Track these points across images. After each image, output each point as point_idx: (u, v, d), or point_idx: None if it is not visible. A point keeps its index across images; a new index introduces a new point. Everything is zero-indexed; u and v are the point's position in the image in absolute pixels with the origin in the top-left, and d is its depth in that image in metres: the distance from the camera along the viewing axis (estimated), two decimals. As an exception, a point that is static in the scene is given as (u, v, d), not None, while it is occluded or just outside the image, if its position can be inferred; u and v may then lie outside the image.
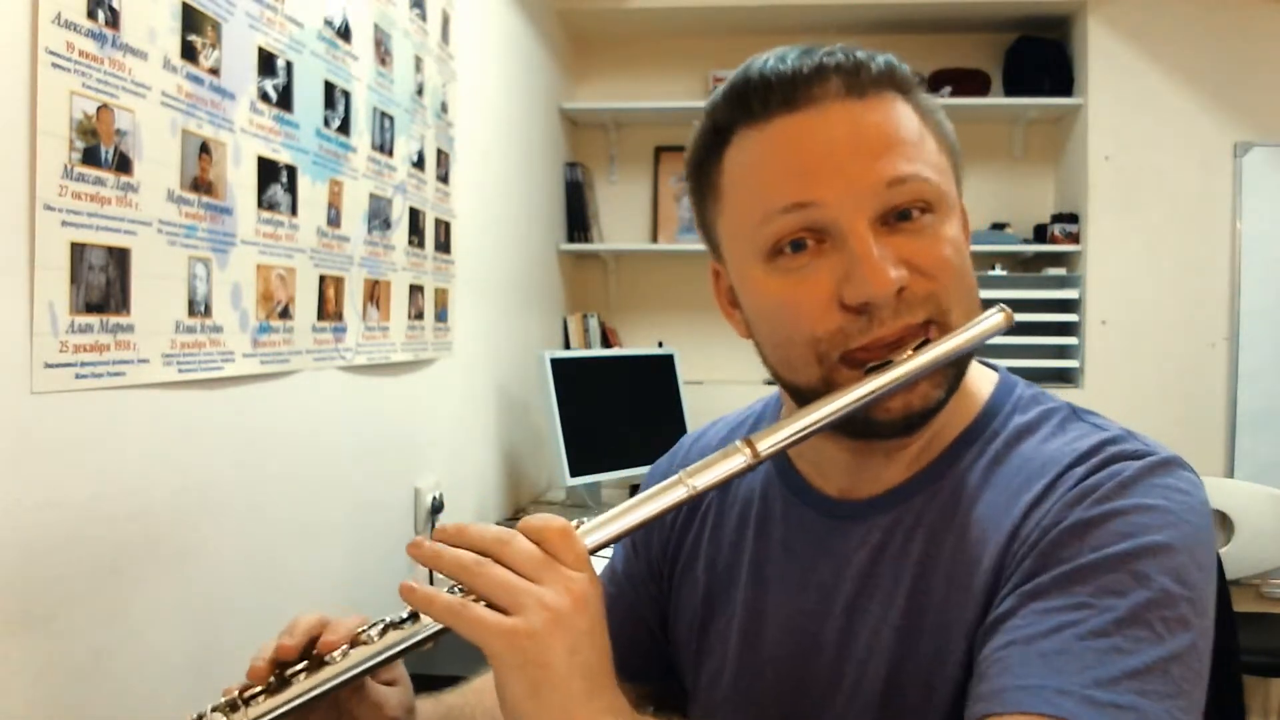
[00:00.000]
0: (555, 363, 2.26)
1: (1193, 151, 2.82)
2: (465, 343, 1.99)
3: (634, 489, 2.53)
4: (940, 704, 0.63)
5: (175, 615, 1.03)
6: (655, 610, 0.84)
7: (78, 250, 0.87)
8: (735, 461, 0.61)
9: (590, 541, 0.59)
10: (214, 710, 0.59)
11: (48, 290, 0.83)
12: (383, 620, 0.60)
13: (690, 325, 3.12)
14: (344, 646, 0.60)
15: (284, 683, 0.60)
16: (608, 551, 0.65)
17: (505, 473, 2.31)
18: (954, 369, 0.65)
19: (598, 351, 2.88)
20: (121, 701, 0.95)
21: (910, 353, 0.62)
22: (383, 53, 1.55)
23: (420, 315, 1.73)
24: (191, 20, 1.03)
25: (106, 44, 0.90)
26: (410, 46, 1.67)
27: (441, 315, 1.85)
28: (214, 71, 1.08)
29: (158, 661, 0.99)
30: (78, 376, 0.87)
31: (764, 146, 0.64)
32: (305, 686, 0.59)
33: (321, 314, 1.35)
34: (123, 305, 0.93)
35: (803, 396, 0.66)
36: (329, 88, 1.36)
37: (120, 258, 0.92)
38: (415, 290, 1.70)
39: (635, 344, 3.17)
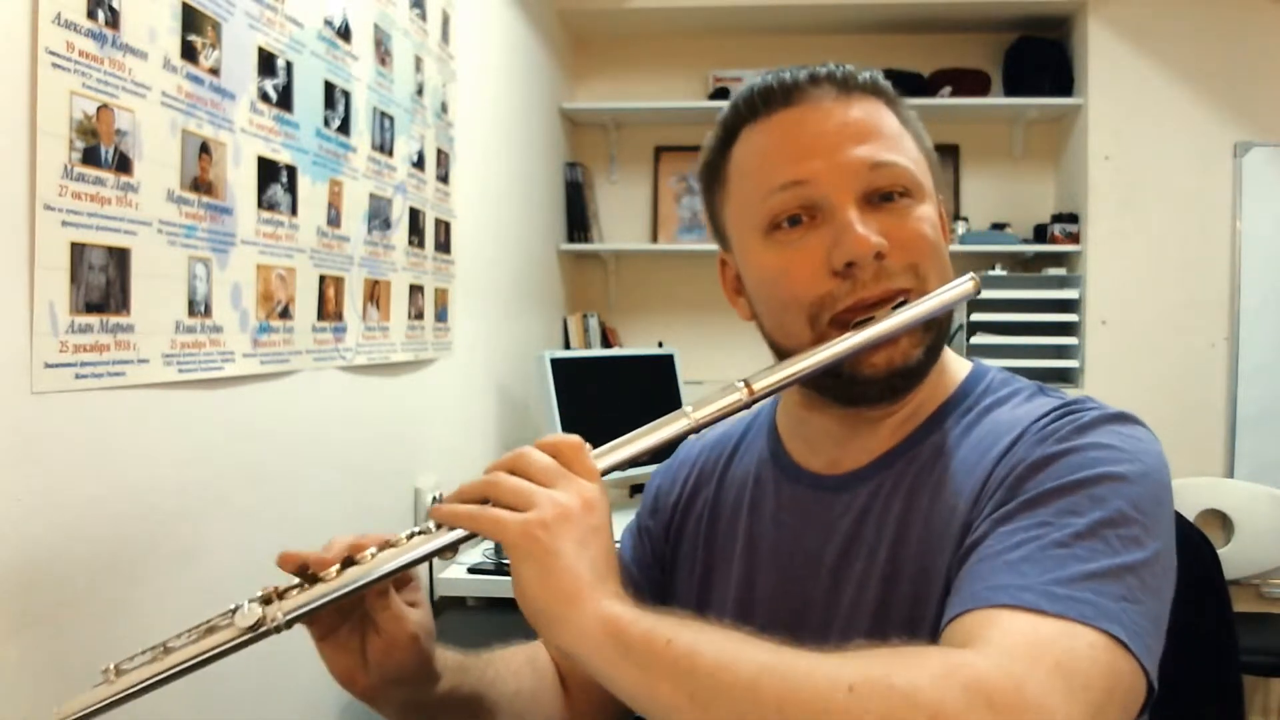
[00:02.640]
0: (555, 363, 2.26)
1: (1193, 151, 2.82)
2: (465, 343, 1.99)
3: (634, 489, 2.53)
4: (923, 642, 0.66)
5: (175, 615, 1.02)
6: (658, 595, 0.88)
7: (78, 250, 0.87)
8: (733, 398, 0.68)
9: (601, 465, 0.66)
10: (250, 601, 0.62)
11: (48, 290, 0.83)
12: (410, 531, 0.64)
13: (690, 325, 3.12)
14: (373, 549, 0.64)
15: (317, 580, 0.63)
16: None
17: (505, 473, 2.31)
18: (932, 332, 0.72)
19: (598, 351, 2.88)
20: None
21: (889, 311, 0.70)
22: (383, 53, 1.55)
23: (420, 315, 1.73)
24: (191, 20, 1.03)
25: (106, 44, 0.90)
26: (410, 46, 1.68)
27: (441, 315, 1.85)
28: (214, 71, 1.08)
29: (158, 661, 0.99)
30: (78, 376, 0.87)
31: (765, 137, 0.74)
32: (337, 583, 0.63)
33: (321, 314, 1.35)
34: (123, 305, 0.93)
35: None
36: (329, 88, 1.36)
37: (120, 258, 0.92)
38: (415, 290, 1.70)
39: (635, 344, 3.17)
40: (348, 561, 0.64)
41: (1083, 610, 0.55)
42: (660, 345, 2.97)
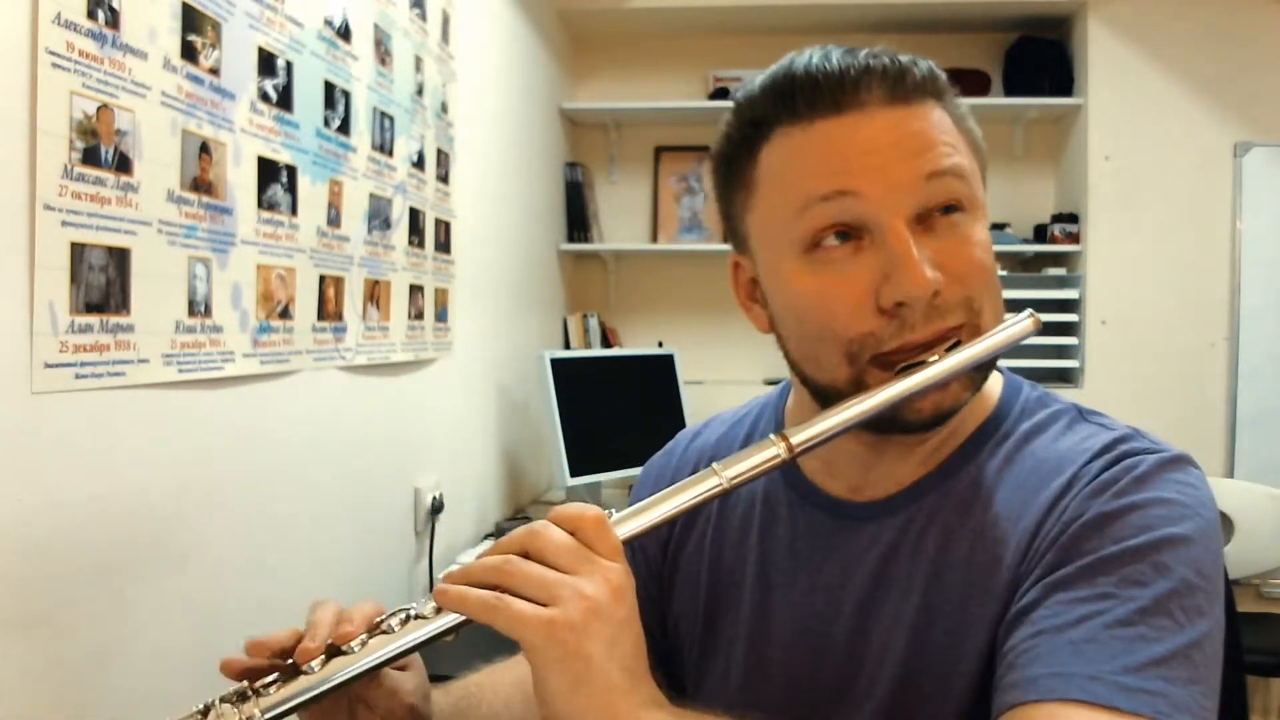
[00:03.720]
0: (555, 363, 2.26)
1: (1193, 151, 2.82)
2: (465, 343, 1.99)
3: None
4: (956, 698, 0.64)
5: (175, 615, 1.03)
6: (654, 612, 0.84)
7: (78, 250, 0.87)
8: (769, 454, 0.62)
9: (623, 533, 0.59)
10: (222, 700, 0.56)
11: (48, 290, 0.83)
12: (404, 610, 0.59)
13: (690, 325, 3.12)
14: (363, 635, 0.58)
15: (297, 672, 0.57)
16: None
17: (505, 473, 2.31)
18: (983, 371, 0.66)
19: (598, 351, 2.88)
20: (121, 701, 0.95)
21: (942, 353, 0.63)
22: (383, 53, 1.55)
23: (420, 315, 1.73)
24: (191, 20, 1.03)
25: (106, 44, 0.90)
26: (410, 46, 1.67)
27: (441, 315, 1.85)
28: (214, 71, 1.08)
29: (158, 661, 0.99)
30: (78, 376, 0.87)
31: (807, 145, 0.65)
32: (320, 678, 0.57)
33: (321, 314, 1.35)
34: (123, 305, 0.93)
35: (825, 394, 0.67)
36: (329, 88, 1.36)
37: (120, 258, 0.92)
38: (415, 290, 1.70)
39: (635, 344, 3.17)
40: (334, 650, 0.58)
41: (1156, 705, 0.53)
42: (660, 345, 2.97)
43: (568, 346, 2.90)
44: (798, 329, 0.68)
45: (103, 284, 0.90)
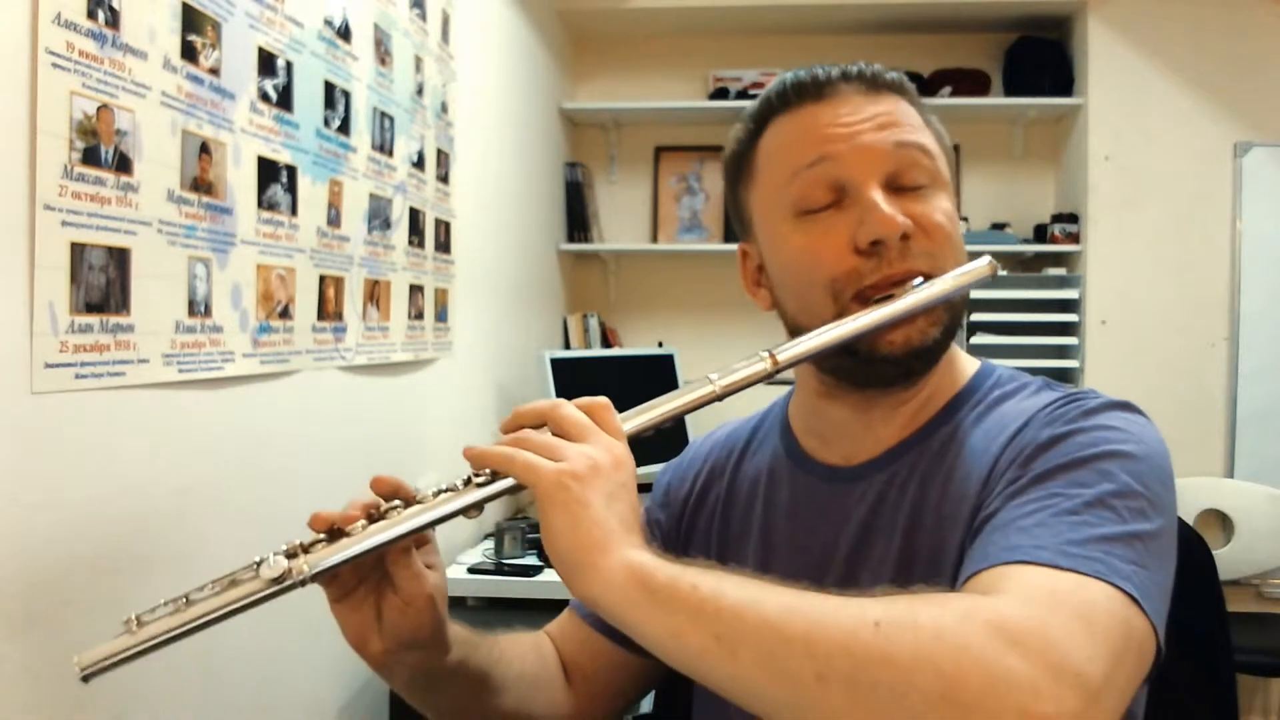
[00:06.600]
0: (555, 363, 2.26)
1: (1193, 151, 2.82)
2: (465, 343, 1.99)
3: (642, 489, 2.56)
4: None
5: (175, 615, 1.03)
6: None
7: (78, 250, 0.87)
8: (756, 366, 0.70)
9: (627, 427, 0.67)
10: (275, 555, 0.62)
11: (48, 290, 0.83)
12: (437, 487, 0.66)
13: (690, 325, 3.12)
14: (398, 503, 0.66)
15: (342, 534, 0.64)
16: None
17: (505, 473, 2.31)
18: (948, 313, 0.74)
19: (598, 351, 2.88)
20: (122, 702, 0.95)
21: (910, 288, 0.72)
22: (383, 53, 1.55)
23: (420, 315, 1.73)
24: (191, 20, 1.03)
25: (106, 44, 0.90)
26: (410, 46, 1.68)
27: (441, 315, 1.85)
28: (214, 71, 1.08)
29: (157, 661, 0.99)
30: (78, 376, 0.87)
31: (794, 126, 0.77)
32: (363, 538, 0.64)
33: (321, 314, 1.35)
34: (123, 305, 0.93)
35: None
36: (329, 88, 1.36)
37: (120, 258, 0.92)
38: (415, 290, 1.70)
39: (635, 344, 3.17)
40: (374, 518, 0.65)
41: (1096, 568, 0.57)
42: (660, 345, 2.97)
43: (568, 346, 2.90)
44: (793, 283, 0.77)
45: (103, 284, 0.90)
